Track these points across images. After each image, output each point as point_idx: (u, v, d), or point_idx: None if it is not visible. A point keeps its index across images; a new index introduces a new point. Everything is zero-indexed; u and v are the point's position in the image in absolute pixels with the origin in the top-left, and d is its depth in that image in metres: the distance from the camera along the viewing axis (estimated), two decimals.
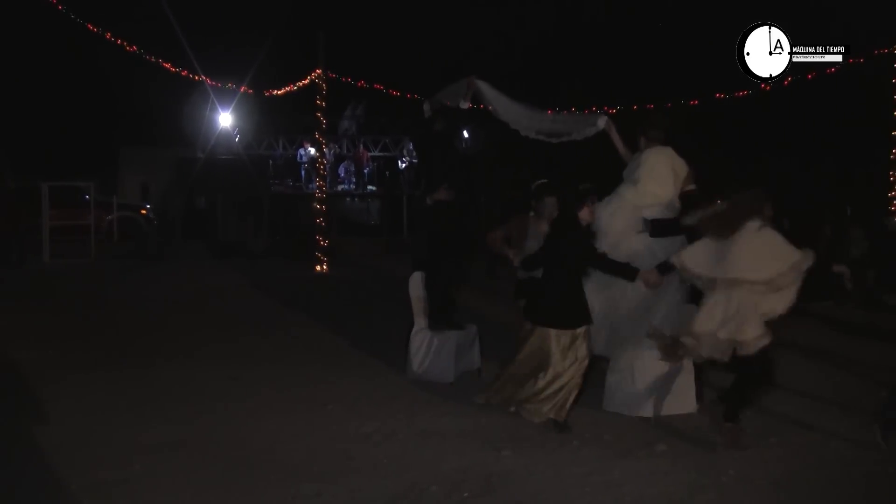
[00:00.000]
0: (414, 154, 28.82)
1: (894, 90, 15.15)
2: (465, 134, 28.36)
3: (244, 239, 25.12)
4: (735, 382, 6.61)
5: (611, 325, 7.56)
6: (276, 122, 29.99)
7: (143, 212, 27.41)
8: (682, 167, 7.55)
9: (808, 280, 6.43)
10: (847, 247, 13.68)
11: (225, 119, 29.38)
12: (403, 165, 30.17)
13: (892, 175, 15.22)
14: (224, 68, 22.09)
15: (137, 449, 6.36)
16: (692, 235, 7.31)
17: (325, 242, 18.94)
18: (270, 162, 30.60)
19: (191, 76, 19.02)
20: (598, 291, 7.50)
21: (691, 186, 7.59)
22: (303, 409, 7.54)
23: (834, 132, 24.93)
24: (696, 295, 7.39)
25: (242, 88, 19.62)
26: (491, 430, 6.91)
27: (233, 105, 27.81)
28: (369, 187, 30.43)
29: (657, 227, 7.29)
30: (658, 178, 7.44)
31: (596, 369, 7.84)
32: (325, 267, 18.69)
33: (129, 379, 8.65)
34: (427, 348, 8.60)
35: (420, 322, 8.79)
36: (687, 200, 7.55)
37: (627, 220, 7.48)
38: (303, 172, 29.52)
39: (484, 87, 8.69)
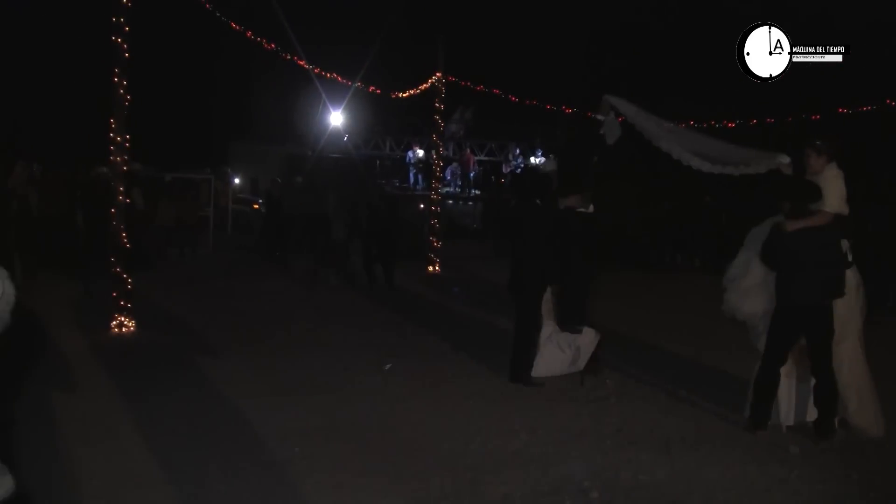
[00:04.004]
0: (520, 157, 29.07)
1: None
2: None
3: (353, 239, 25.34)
4: None
5: None
6: (385, 122, 30.48)
7: (255, 206, 27.90)
8: None
9: None
10: None
11: (335, 118, 29.90)
12: (508, 170, 30.43)
13: None
14: (333, 68, 22.35)
15: (292, 433, 6.70)
16: None
17: (437, 243, 19.14)
18: (377, 162, 31.15)
19: (323, 74, 19.20)
20: None
21: None
22: (448, 402, 7.86)
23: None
24: None
25: (371, 89, 19.84)
26: (634, 432, 7.13)
27: (343, 104, 28.25)
28: (474, 191, 30.75)
29: None
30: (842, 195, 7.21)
31: None
32: (437, 267, 18.93)
33: (269, 366, 9.08)
34: (557, 349, 8.94)
35: (549, 325, 9.06)
36: None
37: None
38: (411, 174, 29.96)
39: (621, 105, 8.73)
